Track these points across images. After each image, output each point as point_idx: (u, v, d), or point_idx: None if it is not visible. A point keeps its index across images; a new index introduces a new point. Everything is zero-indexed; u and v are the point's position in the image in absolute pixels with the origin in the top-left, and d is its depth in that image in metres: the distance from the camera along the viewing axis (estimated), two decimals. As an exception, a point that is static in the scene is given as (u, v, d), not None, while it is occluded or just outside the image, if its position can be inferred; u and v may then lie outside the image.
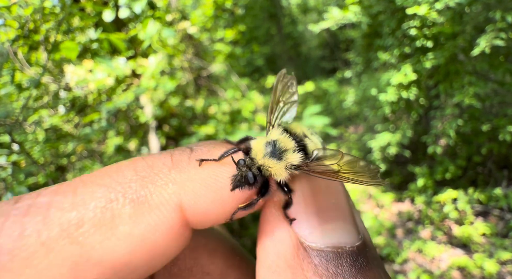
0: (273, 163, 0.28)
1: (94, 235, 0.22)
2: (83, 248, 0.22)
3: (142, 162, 0.27)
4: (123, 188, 0.24)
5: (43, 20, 1.79)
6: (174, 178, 0.26)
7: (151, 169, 0.26)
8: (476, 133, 2.88)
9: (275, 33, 9.11)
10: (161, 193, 0.25)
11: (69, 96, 2.08)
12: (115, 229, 0.23)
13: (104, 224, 0.23)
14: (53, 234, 0.22)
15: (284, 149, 0.29)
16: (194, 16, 3.27)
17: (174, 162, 0.27)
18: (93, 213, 0.23)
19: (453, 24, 2.71)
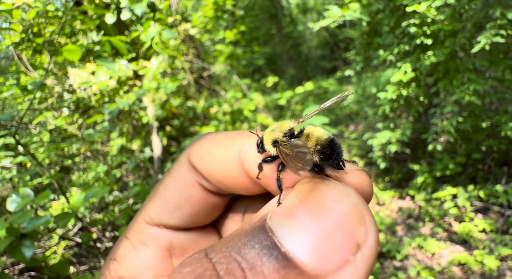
0: (266, 136, 0.32)
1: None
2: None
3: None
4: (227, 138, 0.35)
5: (46, 23, 1.83)
6: (240, 140, 0.33)
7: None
8: (476, 130, 2.89)
9: (275, 33, 9.12)
10: (235, 141, 0.32)
11: (72, 98, 2.12)
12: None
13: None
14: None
15: (277, 129, 0.32)
16: (195, 17, 3.30)
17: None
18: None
19: (453, 21, 2.72)
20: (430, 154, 3.27)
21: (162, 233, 0.33)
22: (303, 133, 0.32)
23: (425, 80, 3.14)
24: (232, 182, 0.32)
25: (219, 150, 0.32)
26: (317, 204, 0.21)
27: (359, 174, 0.28)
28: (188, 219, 0.34)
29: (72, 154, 2.05)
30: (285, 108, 6.15)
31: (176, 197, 0.33)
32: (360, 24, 3.54)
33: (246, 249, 0.21)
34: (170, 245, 0.33)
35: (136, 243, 0.33)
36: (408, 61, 2.93)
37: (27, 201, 0.89)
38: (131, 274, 0.31)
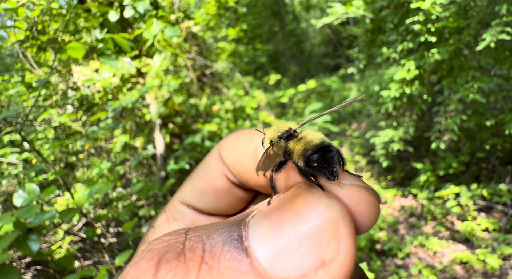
0: (268, 133, 0.33)
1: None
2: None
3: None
4: None
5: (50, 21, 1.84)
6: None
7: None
8: (480, 129, 2.86)
9: (278, 30, 9.07)
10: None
11: (76, 95, 2.14)
12: None
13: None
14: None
15: (275, 128, 0.33)
16: (197, 15, 3.30)
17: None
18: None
19: (458, 18, 2.68)
20: (433, 153, 3.25)
21: (189, 212, 0.38)
22: (297, 137, 0.31)
23: (429, 78, 3.11)
24: (250, 178, 0.34)
25: (241, 145, 0.34)
26: (294, 210, 0.21)
27: (359, 190, 0.24)
28: (212, 205, 0.37)
29: (77, 150, 2.08)
30: (288, 106, 6.13)
31: (203, 184, 0.37)
32: (364, 21, 3.51)
33: (215, 234, 0.22)
34: (193, 224, 0.37)
35: (169, 216, 0.38)
36: (412, 58, 2.91)
37: (33, 196, 0.91)
38: None
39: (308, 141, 0.28)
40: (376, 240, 2.70)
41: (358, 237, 2.77)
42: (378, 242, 2.72)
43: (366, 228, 0.24)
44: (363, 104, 4.17)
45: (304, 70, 8.85)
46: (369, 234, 2.72)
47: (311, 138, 0.29)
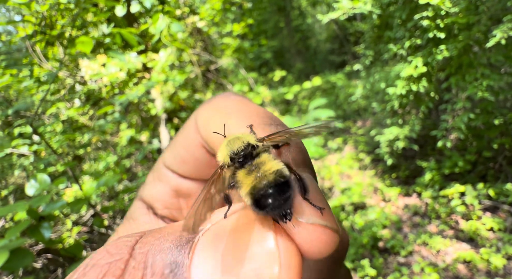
0: (223, 144, 0.29)
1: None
2: None
3: None
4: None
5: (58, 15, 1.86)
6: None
7: None
8: (488, 127, 2.82)
9: (284, 26, 8.99)
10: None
11: (84, 90, 2.18)
12: None
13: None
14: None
15: (229, 144, 0.28)
16: (202, 10, 3.29)
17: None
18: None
19: (468, 14, 2.62)
20: (439, 151, 3.21)
21: (172, 176, 0.38)
22: (253, 163, 0.26)
23: (437, 75, 3.06)
24: None
25: (215, 123, 0.32)
26: (239, 250, 0.20)
27: (313, 230, 0.22)
28: (193, 173, 0.38)
29: (84, 143, 2.12)
30: (292, 102, 6.11)
31: (184, 153, 0.36)
32: (371, 16, 3.45)
33: (160, 254, 0.21)
34: (177, 188, 0.38)
35: (155, 177, 0.39)
36: (420, 55, 2.86)
37: (44, 186, 0.95)
38: (148, 199, 0.39)
39: (260, 176, 0.24)
40: (379, 237, 2.71)
41: (361, 233, 2.77)
42: (381, 240, 2.72)
43: (316, 258, 0.22)
44: (368, 102, 4.13)
45: (309, 67, 8.77)
46: (372, 232, 2.72)
47: (265, 170, 0.24)
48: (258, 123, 0.30)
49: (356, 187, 3.38)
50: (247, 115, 0.32)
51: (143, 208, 0.38)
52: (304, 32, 9.43)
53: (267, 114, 0.33)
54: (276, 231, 0.21)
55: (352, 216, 3.06)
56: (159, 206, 0.38)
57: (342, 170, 3.90)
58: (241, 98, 0.35)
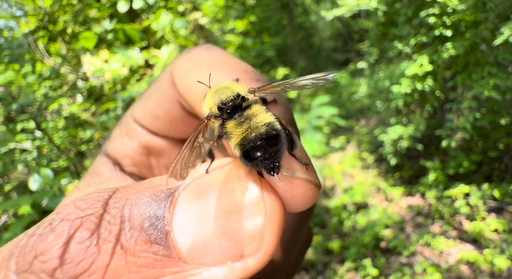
0: (210, 93, 0.28)
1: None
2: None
3: None
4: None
5: (61, 11, 1.85)
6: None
7: None
8: (494, 127, 2.78)
9: (287, 23, 8.92)
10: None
11: (86, 86, 2.17)
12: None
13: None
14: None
15: (217, 92, 0.27)
16: (205, 6, 3.26)
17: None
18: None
19: (475, 11, 2.57)
20: (444, 151, 3.18)
21: (142, 132, 0.36)
22: (243, 114, 0.25)
23: (442, 74, 3.01)
24: (199, 113, 0.31)
25: (195, 77, 0.29)
26: (225, 202, 0.20)
27: (298, 184, 0.22)
28: (165, 130, 0.35)
29: (87, 140, 2.12)
30: (294, 101, 6.07)
31: (156, 109, 0.34)
32: (376, 14, 3.40)
33: (138, 206, 0.20)
34: (148, 145, 0.36)
35: (123, 132, 0.36)
36: (425, 53, 2.81)
37: (47, 181, 0.95)
38: (115, 155, 0.36)
39: (251, 127, 0.24)
40: (381, 237, 2.69)
41: (363, 233, 2.75)
42: (383, 240, 2.70)
43: (298, 211, 0.23)
44: (372, 100, 4.09)
45: (312, 65, 8.72)
46: (374, 231, 2.71)
47: (257, 122, 0.24)
48: (245, 78, 0.29)
49: (358, 186, 3.36)
50: (232, 69, 0.30)
51: (108, 163, 0.35)
52: (308, 29, 9.36)
53: (253, 70, 0.31)
54: (261, 183, 0.21)
55: (354, 215, 3.05)
56: (126, 162, 0.36)
57: (344, 169, 3.87)
58: (224, 52, 0.32)
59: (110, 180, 0.34)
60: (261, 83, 0.29)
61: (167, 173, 0.37)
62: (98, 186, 0.33)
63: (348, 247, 2.64)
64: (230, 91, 0.26)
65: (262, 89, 0.27)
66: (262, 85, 0.28)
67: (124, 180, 0.35)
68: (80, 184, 0.35)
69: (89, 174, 0.35)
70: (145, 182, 0.24)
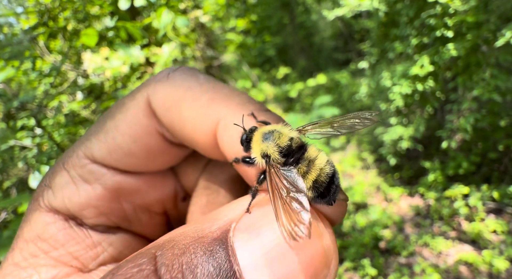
0: (257, 140, 0.27)
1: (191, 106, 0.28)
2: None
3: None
4: (211, 93, 0.30)
5: (60, 8, 1.84)
6: (232, 107, 0.28)
7: (227, 96, 0.29)
8: (494, 129, 2.78)
9: (288, 22, 8.89)
10: (214, 105, 0.28)
11: (86, 83, 2.16)
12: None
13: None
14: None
15: (274, 139, 0.27)
16: (206, 4, 3.25)
17: (241, 100, 0.29)
18: (193, 94, 0.29)
19: (477, 13, 2.57)
20: (444, 152, 3.18)
21: (108, 173, 0.30)
22: (304, 157, 0.27)
23: (443, 75, 3.01)
24: (198, 146, 0.29)
25: (192, 109, 0.27)
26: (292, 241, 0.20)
27: (342, 205, 0.26)
28: (142, 166, 0.31)
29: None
30: (295, 100, 6.07)
31: (130, 144, 0.29)
32: (377, 14, 3.40)
33: (199, 268, 0.18)
34: (118, 187, 0.30)
35: (75, 177, 0.29)
36: (426, 54, 2.81)
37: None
38: (69, 208, 0.29)
39: (319, 170, 0.26)
40: (380, 237, 2.70)
41: (362, 233, 2.76)
42: (382, 240, 2.71)
43: (336, 224, 0.26)
44: (373, 100, 4.09)
45: (313, 64, 8.70)
46: (373, 232, 2.71)
47: (320, 163, 0.26)
48: (254, 109, 0.28)
49: (358, 186, 3.36)
50: (236, 101, 0.28)
51: (58, 221, 0.28)
52: (309, 29, 9.33)
53: (252, 98, 0.29)
54: (312, 211, 0.23)
55: (353, 215, 3.05)
56: (89, 214, 0.29)
57: (344, 169, 3.87)
58: (209, 77, 0.30)
59: (68, 242, 0.28)
60: (269, 113, 0.29)
61: (145, 214, 0.33)
62: (52, 254, 0.27)
63: (347, 247, 2.65)
64: (283, 135, 0.27)
65: (306, 129, 0.30)
66: (305, 124, 0.30)
67: (87, 238, 0.29)
68: (14, 261, 0.27)
69: (29, 241, 0.27)
70: (179, 235, 0.21)
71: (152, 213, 0.34)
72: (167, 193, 0.35)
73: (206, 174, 0.34)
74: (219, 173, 0.34)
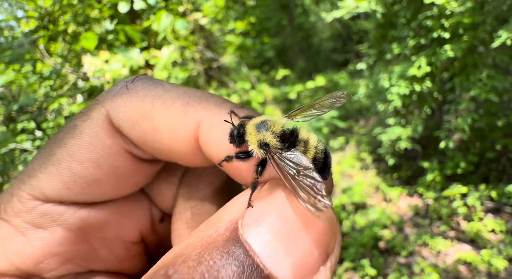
0: (252, 131, 0.28)
1: (164, 119, 0.26)
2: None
3: (201, 96, 0.29)
4: (183, 99, 0.29)
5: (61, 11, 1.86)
6: (208, 108, 0.27)
7: (202, 99, 0.28)
8: (492, 128, 2.80)
9: (287, 24, 8.94)
10: (192, 110, 0.26)
11: (86, 86, 2.17)
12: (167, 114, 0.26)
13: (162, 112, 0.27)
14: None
15: (268, 128, 0.28)
16: (205, 7, 3.27)
17: (216, 101, 0.29)
18: (163, 104, 0.26)
19: (474, 14, 2.60)
20: (442, 152, 3.20)
21: (68, 210, 0.25)
22: (298, 139, 0.28)
23: (440, 75, 3.04)
24: (178, 156, 0.27)
25: (166, 118, 0.25)
26: (300, 220, 0.21)
27: (330, 178, 0.29)
28: (110, 193, 0.27)
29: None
30: (294, 101, 6.09)
31: (92, 171, 0.25)
32: (375, 15, 3.42)
33: (222, 272, 0.18)
34: (84, 224, 0.26)
35: (22, 226, 0.24)
36: (423, 54, 2.84)
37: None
38: (19, 266, 0.23)
39: (315, 149, 0.29)
40: (379, 237, 2.71)
41: (361, 233, 2.77)
42: (381, 240, 2.72)
43: None
44: (371, 101, 4.11)
45: (311, 65, 8.74)
46: (372, 232, 2.72)
47: (314, 143, 0.29)
48: (232, 107, 0.27)
49: (357, 186, 3.37)
50: (213, 102, 0.27)
51: None
52: (307, 30, 9.38)
53: (224, 98, 0.29)
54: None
55: (353, 215, 3.06)
56: (50, 265, 0.24)
57: (343, 170, 3.89)
58: (174, 84, 0.28)
59: None
60: (243, 108, 0.29)
61: (120, 248, 0.29)
62: None
63: (347, 247, 2.66)
64: (276, 123, 0.29)
65: (292, 115, 0.32)
66: (287, 113, 0.32)
67: None
68: None
69: None
70: (189, 245, 0.21)
71: (127, 244, 0.30)
72: (142, 218, 0.31)
73: (185, 187, 0.32)
74: (198, 183, 0.32)
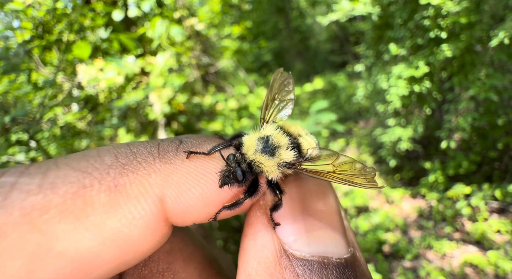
0: (265, 159, 0.26)
1: (60, 223, 0.20)
2: (44, 237, 0.19)
3: (126, 148, 0.24)
4: (100, 174, 0.22)
5: (55, 20, 1.84)
6: (158, 169, 0.23)
7: (134, 157, 0.24)
8: (492, 127, 2.77)
9: (283, 27, 8.98)
10: (142, 183, 0.22)
11: (81, 95, 2.15)
12: (85, 218, 0.20)
13: (73, 212, 0.20)
14: (11, 218, 0.19)
15: (277, 146, 0.27)
16: (201, 12, 3.27)
17: (161, 152, 0.25)
18: (62, 199, 0.20)
19: (470, 13, 2.59)
20: (443, 152, 3.17)
21: None
22: (302, 137, 0.30)
23: (439, 75, 3.02)
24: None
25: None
26: (319, 197, 0.26)
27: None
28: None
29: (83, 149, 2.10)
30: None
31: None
32: (371, 17, 3.42)
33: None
34: None
35: None
36: (421, 54, 2.82)
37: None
38: None
39: (306, 134, 0.30)
40: (383, 241, 2.66)
41: (365, 237, 2.72)
42: (385, 244, 2.67)
43: None
44: (370, 102, 4.09)
45: (309, 68, 8.75)
46: (376, 236, 2.68)
47: (310, 141, 0.30)
48: (183, 149, 0.26)
49: (359, 189, 3.34)
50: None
51: None
52: (304, 32, 9.41)
53: (148, 142, 0.27)
54: None
55: (355, 219, 3.02)
56: None
57: (344, 172, 3.85)
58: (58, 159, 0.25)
59: None
60: (191, 142, 0.27)
61: None
62: None
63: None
64: (279, 136, 0.29)
65: (270, 119, 0.33)
66: (262, 114, 0.33)
67: None
68: None
69: None
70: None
71: None
72: None
73: None
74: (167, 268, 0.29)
